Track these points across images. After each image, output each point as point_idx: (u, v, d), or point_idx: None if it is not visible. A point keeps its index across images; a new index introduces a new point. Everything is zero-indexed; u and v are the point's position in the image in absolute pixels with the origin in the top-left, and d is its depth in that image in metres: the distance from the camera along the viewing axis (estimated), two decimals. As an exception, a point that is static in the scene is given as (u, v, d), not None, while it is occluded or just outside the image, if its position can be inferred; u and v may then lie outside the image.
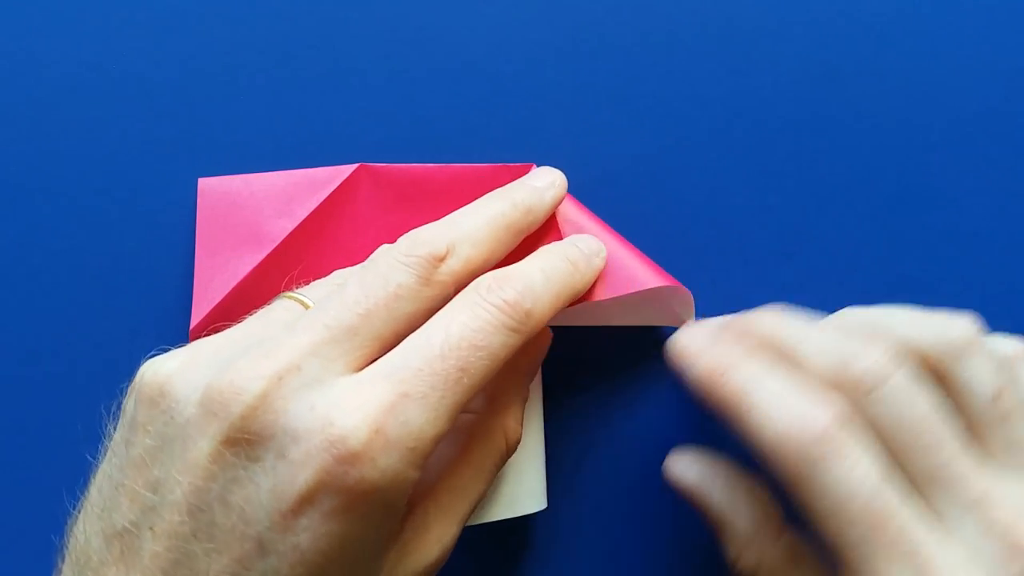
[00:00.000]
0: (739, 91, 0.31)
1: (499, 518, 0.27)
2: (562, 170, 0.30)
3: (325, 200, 0.29)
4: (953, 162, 0.31)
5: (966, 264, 0.31)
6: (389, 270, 0.23)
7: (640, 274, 0.27)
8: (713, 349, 0.24)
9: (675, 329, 0.28)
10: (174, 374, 0.22)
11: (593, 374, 0.31)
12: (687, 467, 0.27)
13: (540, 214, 0.27)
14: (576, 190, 0.30)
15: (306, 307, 0.24)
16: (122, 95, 0.32)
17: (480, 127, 0.31)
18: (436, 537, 0.23)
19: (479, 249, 0.24)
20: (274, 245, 0.29)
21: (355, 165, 0.29)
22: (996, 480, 0.22)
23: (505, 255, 0.26)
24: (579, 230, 0.28)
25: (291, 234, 0.29)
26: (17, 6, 0.32)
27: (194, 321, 0.29)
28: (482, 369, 0.22)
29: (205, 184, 0.30)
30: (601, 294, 0.26)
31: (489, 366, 0.22)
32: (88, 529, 0.22)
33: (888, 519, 0.21)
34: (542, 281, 0.24)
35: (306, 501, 0.20)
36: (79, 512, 0.23)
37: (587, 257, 0.26)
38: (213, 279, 0.29)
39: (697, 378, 0.24)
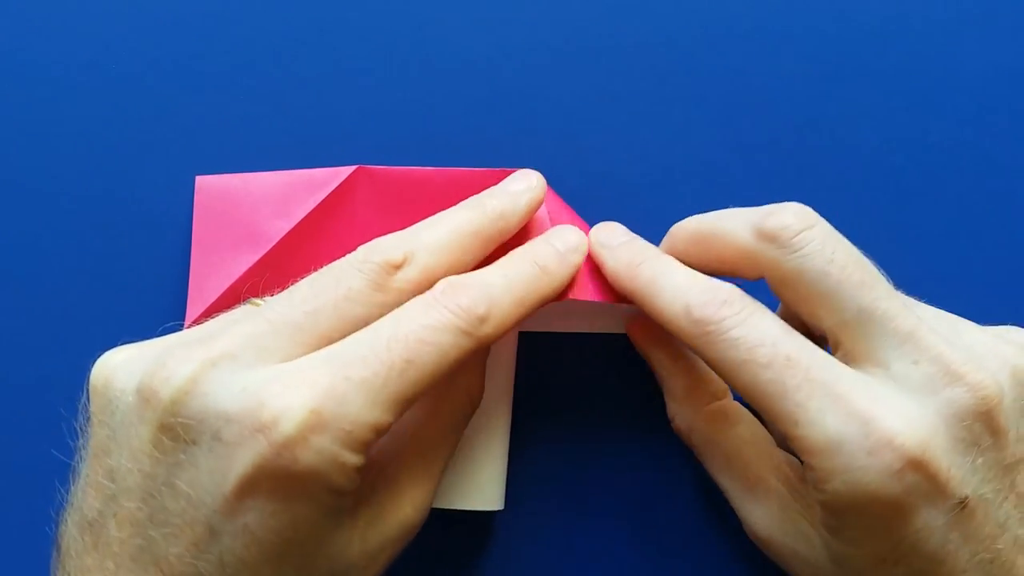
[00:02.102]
0: (736, 92, 0.31)
1: (451, 506, 0.27)
2: (561, 173, 0.30)
3: (322, 201, 0.29)
4: (953, 162, 0.31)
5: (966, 264, 0.31)
6: (341, 273, 0.23)
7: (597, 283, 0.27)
8: (630, 244, 0.26)
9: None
10: (119, 366, 0.22)
11: (564, 380, 0.31)
12: (641, 322, 0.28)
13: (514, 220, 0.26)
14: (574, 193, 0.30)
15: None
16: (120, 92, 0.31)
17: (479, 130, 0.31)
18: (409, 498, 0.24)
19: (439, 258, 0.24)
20: (270, 245, 0.29)
21: (353, 167, 0.29)
22: (921, 316, 0.23)
23: (475, 263, 0.25)
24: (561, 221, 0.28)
25: (287, 234, 0.29)
26: (13, 5, 0.32)
27: (188, 320, 0.29)
28: (430, 364, 0.22)
29: (202, 182, 0.30)
30: (579, 294, 0.26)
31: (438, 363, 0.22)
32: (68, 521, 0.23)
33: (798, 358, 0.22)
34: (503, 286, 0.24)
35: (245, 483, 0.20)
36: (66, 509, 0.23)
37: (560, 255, 0.25)
38: (208, 278, 0.29)
39: (613, 270, 0.26)
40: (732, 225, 0.24)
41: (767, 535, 0.25)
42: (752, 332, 0.22)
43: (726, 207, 0.30)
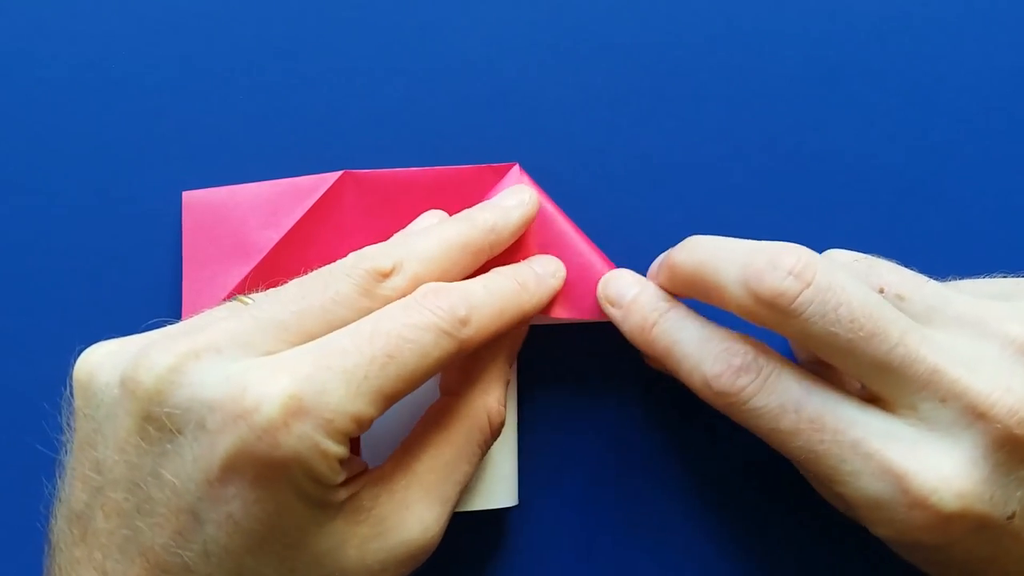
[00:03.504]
0: (735, 92, 0.31)
1: (467, 508, 0.27)
2: (546, 172, 0.30)
3: (310, 208, 0.29)
4: (953, 162, 0.31)
5: (966, 264, 0.31)
6: (330, 278, 0.23)
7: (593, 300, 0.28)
8: (640, 300, 0.26)
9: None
10: (102, 359, 0.23)
11: (567, 372, 0.31)
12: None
13: (506, 233, 0.27)
14: (560, 191, 0.30)
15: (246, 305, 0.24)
16: (107, 104, 0.31)
17: (465, 132, 0.31)
18: (418, 517, 0.23)
19: (428, 267, 0.24)
20: (261, 256, 0.29)
21: (339, 172, 0.29)
22: (940, 350, 0.22)
23: (464, 275, 0.26)
24: (552, 241, 0.28)
25: (278, 244, 0.29)
26: (2, 14, 0.32)
27: (184, 336, 0.29)
28: (411, 361, 0.22)
29: (189, 197, 0.30)
30: (563, 313, 0.28)
31: (420, 361, 0.22)
32: (57, 515, 0.23)
33: (822, 420, 0.22)
34: (483, 295, 0.24)
35: (228, 469, 0.20)
36: (55, 505, 0.23)
37: (539, 277, 0.27)
38: (201, 293, 0.29)
39: (628, 333, 0.27)
40: (727, 280, 0.23)
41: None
42: (772, 400, 0.23)
43: (724, 208, 0.30)
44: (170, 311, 0.30)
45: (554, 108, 0.31)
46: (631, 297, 0.27)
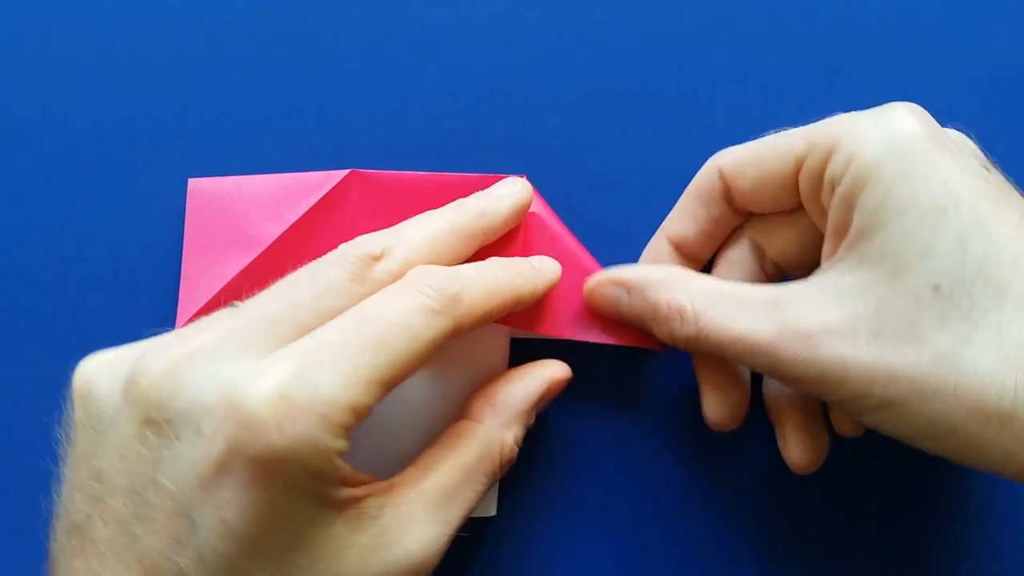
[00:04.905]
0: (734, 92, 0.31)
1: None
2: (555, 180, 0.30)
3: (314, 205, 0.29)
4: None
5: None
6: (319, 268, 0.23)
7: (603, 323, 0.28)
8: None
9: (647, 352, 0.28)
10: (100, 369, 0.23)
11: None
12: (597, 281, 0.28)
13: (496, 219, 0.27)
14: (568, 200, 0.30)
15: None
16: (113, 94, 0.31)
17: (473, 135, 0.31)
18: (420, 533, 0.23)
19: (418, 251, 0.24)
20: (262, 248, 0.29)
21: (346, 171, 0.29)
22: None
23: (456, 261, 0.26)
24: (549, 242, 0.28)
25: (279, 238, 0.29)
26: (5, 7, 0.32)
27: (179, 323, 0.29)
28: (402, 345, 0.22)
29: (195, 185, 0.30)
30: (563, 332, 0.28)
31: (411, 344, 0.22)
32: (56, 528, 0.23)
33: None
34: (475, 275, 0.24)
35: (221, 472, 0.20)
36: (53, 519, 0.23)
37: (534, 268, 0.27)
38: (199, 281, 0.29)
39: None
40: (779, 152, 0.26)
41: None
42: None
43: None
44: (170, 302, 0.30)
45: (566, 116, 0.31)
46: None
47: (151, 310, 0.30)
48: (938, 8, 0.32)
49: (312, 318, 0.22)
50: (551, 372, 0.27)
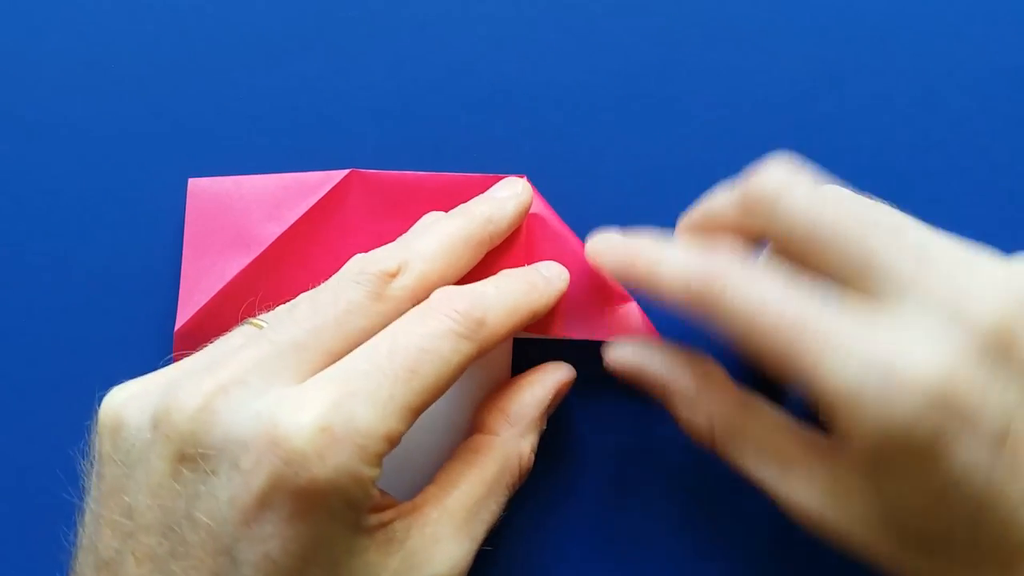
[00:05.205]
0: (726, 97, 0.31)
1: None
2: (556, 180, 0.30)
3: (315, 205, 0.29)
4: (953, 163, 0.31)
5: None
6: (339, 288, 0.23)
7: (606, 320, 0.29)
8: (626, 241, 0.27)
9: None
10: (128, 402, 0.22)
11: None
12: (623, 349, 0.27)
13: (503, 224, 0.27)
14: (568, 200, 0.30)
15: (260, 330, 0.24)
16: (113, 94, 0.31)
17: (473, 134, 0.31)
18: (448, 553, 0.23)
19: (433, 264, 0.25)
20: (262, 248, 0.29)
21: (346, 171, 0.29)
22: (928, 247, 0.22)
23: (467, 269, 0.26)
24: (552, 242, 0.28)
25: (279, 238, 0.29)
26: (5, 5, 0.32)
27: (179, 323, 0.29)
28: (432, 372, 0.22)
29: (195, 184, 0.30)
30: (566, 332, 0.28)
31: (441, 370, 0.22)
32: (81, 562, 0.22)
33: (803, 315, 0.22)
34: (495, 295, 0.24)
35: (263, 507, 0.20)
36: (74, 551, 0.23)
37: (547, 280, 0.27)
38: (199, 281, 0.29)
39: (613, 267, 0.26)
40: (720, 204, 0.25)
41: (816, 513, 0.24)
42: (753, 295, 0.22)
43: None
44: (169, 302, 0.30)
45: (565, 115, 0.31)
46: (618, 240, 0.27)
47: (151, 310, 0.30)
48: (938, 8, 0.32)
49: (336, 342, 0.22)
50: (559, 376, 0.27)
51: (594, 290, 0.29)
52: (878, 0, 0.32)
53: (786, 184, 0.23)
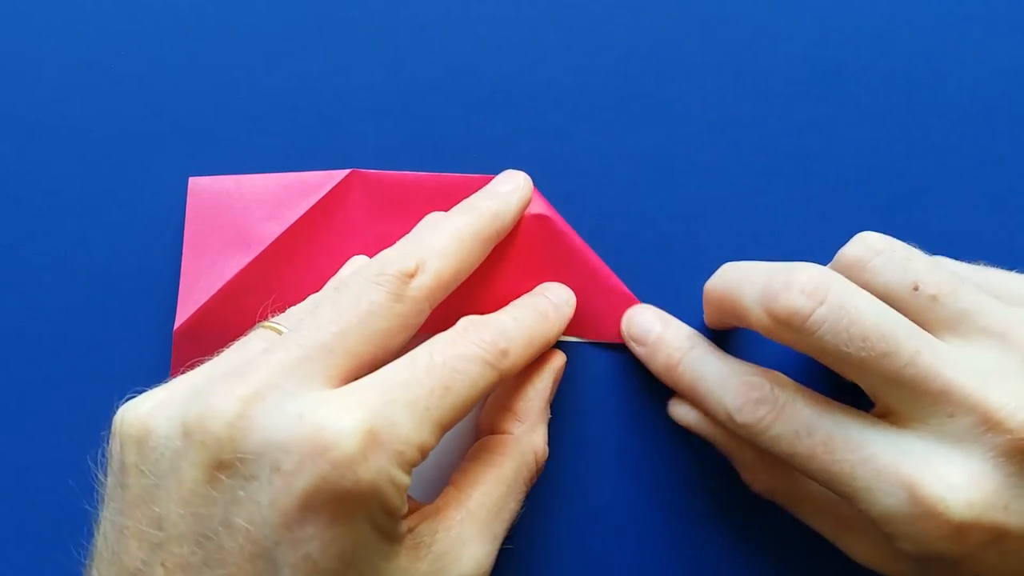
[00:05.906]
0: (726, 96, 0.31)
1: None
2: (556, 180, 0.30)
3: (315, 205, 0.29)
4: (953, 162, 0.31)
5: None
6: (361, 290, 0.24)
7: (612, 321, 0.29)
8: (664, 338, 0.28)
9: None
10: (154, 411, 0.22)
11: (561, 388, 0.31)
12: (687, 411, 0.28)
13: (508, 219, 0.28)
14: (568, 200, 0.30)
15: (280, 334, 0.24)
16: (113, 93, 0.31)
17: (474, 136, 0.31)
18: (472, 553, 0.24)
19: (448, 262, 0.25)
20: (262, 248, 0.29)
21: (347, 170, 0.29)
22: (954, 367, 0.23)
23: (477, 265, 0.27)
24: (565, 262, 0.29)
25: (279, 238, 0.29)
26: (6, 5, 0.32)
27: (178, 322, 0.29)
28: (463, 391, 0.22)
29: (195, 183, 0.30)
30: (573, 333, 0.29)
31: (470, 391, 0.23)
32: (101, 573, 0.22)
33: (832, 441, 0.23)
34: (515, 327, 0.25)
35: (307, 509, 0.20)
36: (90, 562, 0.23)
37: (556, 307, 0.28)
38: (199, 280, 0.29)
39: (655, 371, 0.28)
40: (749, 302, 0.24)
41: (871, 561, 0.26)
42: (788, 427, 0.24)
43: (722, 210, 0.30)
44: (169, 300, 0.30)
45: (564, 114, 0.31)
46: (655, 335, 0.28)
47: (151, 309, 0.30)
48: (938, 8, 0.32)
49: (361, 344, 0.23)
50: (554, 364, 0.28)
51: (599, 292, 0.29)
52: (878, 0, 0.32)
53: (817, 299, 0.23)
